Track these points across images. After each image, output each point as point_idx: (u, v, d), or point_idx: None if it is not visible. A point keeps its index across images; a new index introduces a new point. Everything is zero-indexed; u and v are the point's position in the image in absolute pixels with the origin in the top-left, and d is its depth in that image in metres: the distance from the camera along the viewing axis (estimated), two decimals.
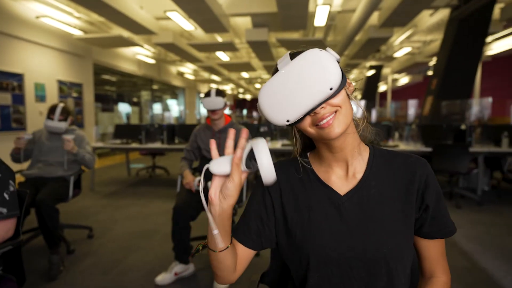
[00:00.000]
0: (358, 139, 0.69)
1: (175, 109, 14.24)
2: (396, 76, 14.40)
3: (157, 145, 4.72)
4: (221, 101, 2.12)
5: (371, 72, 11.81)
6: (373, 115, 10.49)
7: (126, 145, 4.74)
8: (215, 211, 0.60)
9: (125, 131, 5.07)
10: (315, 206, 0.69)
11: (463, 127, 4.09)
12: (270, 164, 0.58)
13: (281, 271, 0.86)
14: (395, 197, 0.67)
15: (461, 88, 5.70)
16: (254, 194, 0.75)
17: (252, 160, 0.59)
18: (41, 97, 5.71)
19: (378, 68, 11.66)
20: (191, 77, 13.44)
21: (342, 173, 0.70)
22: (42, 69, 5.75)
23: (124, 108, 10.23)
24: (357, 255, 0.64)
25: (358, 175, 0.69)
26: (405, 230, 0.66)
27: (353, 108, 0.65)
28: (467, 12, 5.08)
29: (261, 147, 0.58)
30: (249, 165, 0.59)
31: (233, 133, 0.61)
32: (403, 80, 15.14)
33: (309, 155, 0.75)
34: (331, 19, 6.24)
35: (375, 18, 6.31)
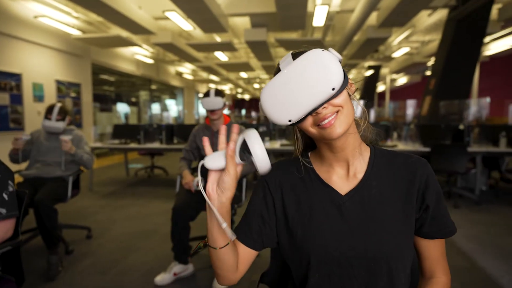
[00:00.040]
0: (359, 139, 0.69)
1: (174, 109, 14.22)
2: (394, 76, 14.43)
3: (155, 145, 4.71)
4: (220, 101, 2.12)
5: (369, 72, 11.84)
6: (372, 115, 10.51)
7: (124, 145, 4.74)
8: (214, 206, 0.61)
9: (123, 131, 5.07)
10: (316, 205, 0.69)
11: (461, 127, 4.11)
12: (264, 153, 0.58)
13: (281, 271, 0.86)
14: (396, 197, 0.67)
15: (459, 88, 5.72)
16: (255, 193, 0.76)
17: (246, 151, 0.60)
18: (39, 97, 5.69)
19: (377, 68, 11.69)
20: (189, 77, 13.43)
21: (343, 173, 0.70)
22: (40, 69, 5.74)
23: (123, 108, 10.21)
24: (358, 254, 0.64)
25: (359, 175, 0.69)
26: (406, 230, 0.66)
27: (354, 108, 0.66)
28: (465, 12, 5.10)
29: (253, 138, 0.58)
30: (243, 157, 0.60)
31: (225, 129, 0.62)
32: (402, 80, 15.18)
33: (310, 154, 0.76)
34: (330, 19, 6.25)
35: (373, 18, 6.32)
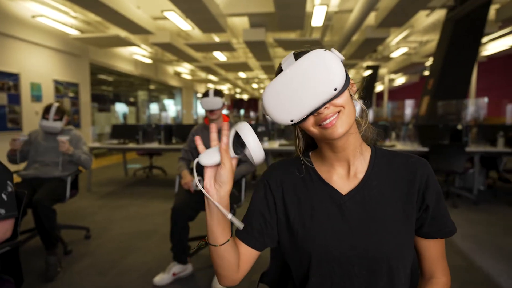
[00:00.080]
0: (360, 139, 0.70)
1: (172, 109, 14.20)
2: (392, 76, 14.46)
3: (154, 145, 4.71)
4: (219, 101, 2.12)
5: (368, 72, 11.86)
6: (370, 115, 10.54)
7: (123, 145, 4.73)
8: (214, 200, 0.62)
9: (122, 131, 5.06)
10: (317, 205, 0.69)
11: (459, 127, 4.12)
12: (258, 143, 0.59)
13: (281, 271, 0.86)
14: (396, 197, 0.67)
15: (457, 88, 5.74)
16: (256, 193, 0.76)
17: (239, 144, 0.60)
18: (37, 97, 5.67)
19: (375, 68, 11.72)
20: (188, 77, 13.41)
21: (343, 172, 0.70)
22: (38, 68, 5.72)
23: (121, 108, 10.19)
24: (358, 254, 0.64)
25: (360, 174, 0.69)
26: (406, 229, 0.66)
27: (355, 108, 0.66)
28: (463, 13, 5.11)
29: (246, 130, 0.59)
30: (237, 150, 0.61)
31: (215, 127, 0.62)
32: (400, 80, 15.21)
33: (311, 154, 0.76)
34: (328, 19, 6.26)
35: (372, 19, 6.33)
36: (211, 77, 13.44)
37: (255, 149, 0.59)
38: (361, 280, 0.65)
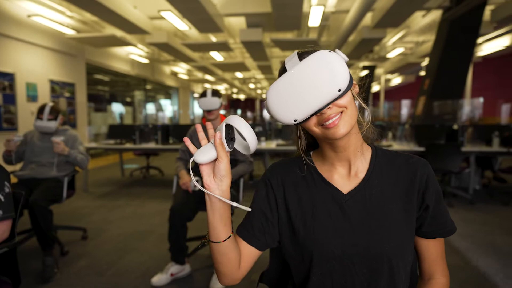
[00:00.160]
0: (361, 139, 0.70)
1: (169, 109, 14.16)
2: (389, 76, 14.53)
3: (151, 145, 4.69)
4: (217, 102, 2.12)
5: (364, 73, 11.90)
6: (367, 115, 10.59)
7: (119, 146, 4.70)
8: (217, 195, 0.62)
9: (118, 131, 5.03)
10: (318, 204, 0.70)
11: (455, 127, 4.15)
12: (250, 129, 0.59)
13: (280, 271, 0.86)
14: (397, 196, 0.68)
15: (453, 88, 5.78)
16: (258, 192, 0.76)
17: (232, 136, 0.62)
18: (32, 97, 5.63)
19: (371, 69, 11.76)
20: (185, 77, 13.38)
21: (344, 172, 0.71)
22: (34, 68, 5.67)
23: (118, 108, 10.14)
24: (360, 252, 0.65)
25: (361, 174, 0.70)
26: (407, 228, 0.67)
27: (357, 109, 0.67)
28: (458, 13, 5.15)
29: (237, 120, 0.60)
30: (230, 144, 0.62)
31: (211, 125, 0.64)
32: (396, 80, 15.28)
33: (312, 154, 0.77)
34: (325, 19, 6.27)
35: (368, 19, 6.36)
36: (208, 77, 13.42)
37: (249, 135, 0.59)
38: (362, 278, 0.65)
